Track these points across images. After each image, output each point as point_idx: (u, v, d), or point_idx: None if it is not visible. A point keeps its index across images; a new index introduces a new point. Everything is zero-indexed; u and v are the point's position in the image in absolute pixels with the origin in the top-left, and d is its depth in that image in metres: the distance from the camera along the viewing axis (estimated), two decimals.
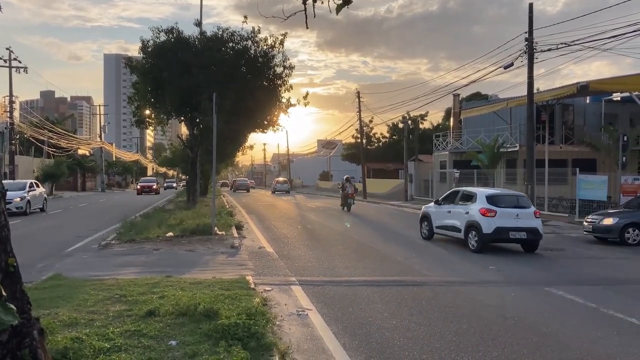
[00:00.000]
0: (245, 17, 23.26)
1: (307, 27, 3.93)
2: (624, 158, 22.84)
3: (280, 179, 69.03)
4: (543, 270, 12.19)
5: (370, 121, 61.73)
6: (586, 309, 8.47)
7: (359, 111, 49.41)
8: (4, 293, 2.76)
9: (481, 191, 15.92)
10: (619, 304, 8.78)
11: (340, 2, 3.65)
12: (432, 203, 17.84)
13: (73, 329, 6.10)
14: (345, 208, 30.15)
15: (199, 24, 25.28)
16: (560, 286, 10.08)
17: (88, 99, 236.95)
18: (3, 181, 3.26)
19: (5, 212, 3.10)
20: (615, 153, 24.07)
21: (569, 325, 7.48)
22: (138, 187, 60.72)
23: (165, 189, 77.55)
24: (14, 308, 2.76)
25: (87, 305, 7.37)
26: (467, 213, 15.13)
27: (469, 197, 15.72)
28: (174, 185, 58.10)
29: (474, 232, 14.72)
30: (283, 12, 4.26)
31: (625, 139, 22.87)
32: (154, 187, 58.97)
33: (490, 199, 14.96)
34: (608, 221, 16.79)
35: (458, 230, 15.53)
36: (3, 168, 41.66)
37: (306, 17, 3.84)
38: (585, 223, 17.83)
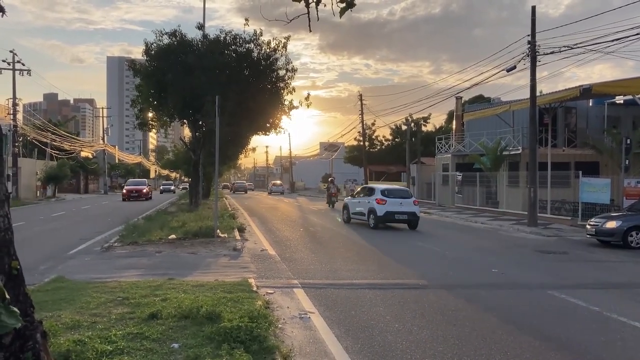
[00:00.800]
0: (247, 19, 23.30)
1: (310, 31, 3.93)
2: (627, 161, 22.75)
3: (277, 182, 76.89)
4: (546, 273, 12.16)
5: (373, 124, 61.83)
6: (589, 313, 8.44)
7: (361, 114, 49.47)
8: (7, 296, 2.76)
9: (378, 187, 22.62)
10: (622, 308, 8.75)
11: (344, 5, 3.65)
12: (350, 197, 26.17)
13: (76, 332, 6.11)
14: (330, 205, 36.60)
15: (201, 27, 25.33)
16: (563, 289, 10.06)
17: (91, 102, 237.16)
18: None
19: (9, 215, 3.11)
20: (618, 156, 23.99)
21: (572, 329, 7.46)
22: (124, 191, 49.43)
23: (161, 193, 68.90)
24: (17, 311, 2.76)
25: (90, 307, 7.37)
26: (369, 202, 21.63)
27: (371, 191, 22.13)
28: (172, 188, 48.17)
29: (372, 215, 21.29)
30: (286, 16, 4.27)
31: (629, 141, 22.78)
32: (144, 191, 48.54)
33: (383, 192, 21.57)
34: (611, 224, 16.75)
35: (363, 214, 22.11)
36: (6, 170, 41.67)
37: (309, 20, 3.84)
38: (588, 226, 17.79)
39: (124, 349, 5.49)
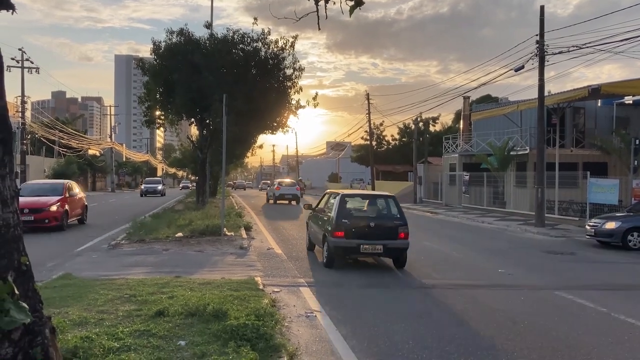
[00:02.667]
0: (255, 18, 23.34)
1: (319, 29, 3.93)
2: (636, 162, 22.60)
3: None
4: (553, 273, 12.11)
5: (381, 124, 61.80)
6: (596, 313, 8.40)
7: (369, 113, 49.39)
8: (16, 291, 2.78)
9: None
10: (629, 309, 8.70)
11: (353, 3, 3.65)
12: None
13: (83, 328, 6.13)
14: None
15: (209, 25, 25.38)
16: (570, 290, 10.01)
17: (99, 100, 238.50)
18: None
19: (18, 212, 3.13)
20: (627, 157, 23.84)
21: (579, 330, 7.43)
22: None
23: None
24: (27, 306, 2.78)
25: (97, 304, 7.40)
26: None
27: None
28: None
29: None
30: (295, 14, 4.27)
31: (637, 142, 22.62)
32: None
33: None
34: (610, 225, 16.67)
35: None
36: (15, 168, 41.96)
37: (318, 19, 3.84)
38: (587, 227, 17.72)
39: (131, 346, 5.51)
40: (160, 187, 55.51)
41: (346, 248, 11.78)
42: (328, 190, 15.48)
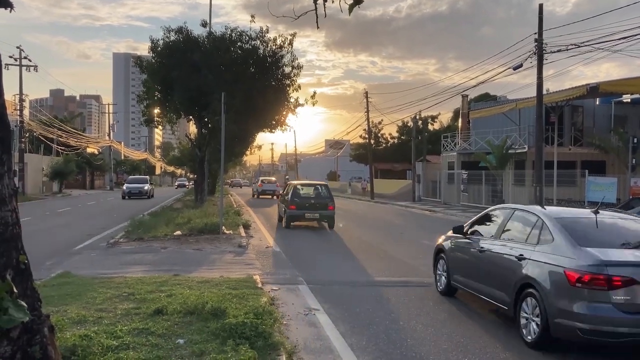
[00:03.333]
0: (253, 16, 23.32)
1: (318, 27, 3.92)
2: (634, 160, 22.66)
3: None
4: None
5: (380, 122, 61.75)
6: None
7: (367, 111, 49.36)
8: (15, 290, 2.78)
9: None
10: None
11: (352, 1, 3.64)
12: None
13: (82, 327, 6.13)
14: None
15: (207, 24, 25.32)
16: None
17: (97, 98, 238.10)
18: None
19: (17, 210, 3.12)
20: (625, 155, 23.90)
21: None
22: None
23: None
24: (25, 305, 2.78)
25: (96, 303, 7.40)
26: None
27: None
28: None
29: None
30: (294, 12, 4.27)
31: (635, 140, 22.69)
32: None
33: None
34: None
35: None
36: (13, 166, 41.88)
37: (317, 17, 3.84)
38: None
39: (130, 344, 5.51)
40: (146, 187, 46.15)
41: (296, 215, 19.84)
42: (289, 182, 23.94)
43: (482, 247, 7.87)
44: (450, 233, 9.35)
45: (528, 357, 6.15)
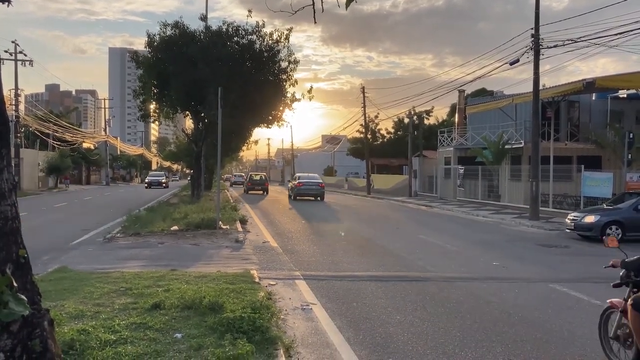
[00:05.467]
0: (250, 11, 23.36)
1: (315, 22, 3.93)
2: (630, 155, 22.69)
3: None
4: (547, 266, 12.19)
5: (376, 117, 61.62)
6: (590, 306, 8.45)
7: (364, 106, 49.33)
8: (15, 284, 2.79)
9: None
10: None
11: None
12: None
13: (79, 321, 6.15)
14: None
15: (204, 18, 25.28)
16: (564, 283, 10.09)
17: (93, 93, 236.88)
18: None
19: (17, 204, 3.13)
20: (621, 150, 23.94)
21: (573, 322, 7.49)
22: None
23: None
24: (25, 299, 2.79)
25: (93, 297, 7.42)
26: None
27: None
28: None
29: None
30: (291, 7, 4.27)
31: (631, 136, 22.70)
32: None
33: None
34: (589, 219, 16.77)
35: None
36: (11, 161, 41.78)
37: (314, 12, 3.85)
38: (567, 220, 17.83)
39: (128, 338, 5.53)
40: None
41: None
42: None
43: None
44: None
45: (522, 352, 6.20)
